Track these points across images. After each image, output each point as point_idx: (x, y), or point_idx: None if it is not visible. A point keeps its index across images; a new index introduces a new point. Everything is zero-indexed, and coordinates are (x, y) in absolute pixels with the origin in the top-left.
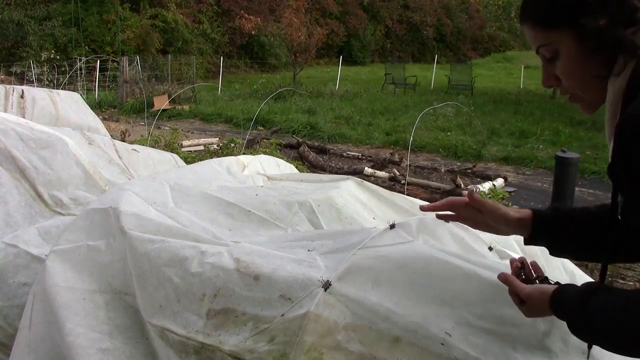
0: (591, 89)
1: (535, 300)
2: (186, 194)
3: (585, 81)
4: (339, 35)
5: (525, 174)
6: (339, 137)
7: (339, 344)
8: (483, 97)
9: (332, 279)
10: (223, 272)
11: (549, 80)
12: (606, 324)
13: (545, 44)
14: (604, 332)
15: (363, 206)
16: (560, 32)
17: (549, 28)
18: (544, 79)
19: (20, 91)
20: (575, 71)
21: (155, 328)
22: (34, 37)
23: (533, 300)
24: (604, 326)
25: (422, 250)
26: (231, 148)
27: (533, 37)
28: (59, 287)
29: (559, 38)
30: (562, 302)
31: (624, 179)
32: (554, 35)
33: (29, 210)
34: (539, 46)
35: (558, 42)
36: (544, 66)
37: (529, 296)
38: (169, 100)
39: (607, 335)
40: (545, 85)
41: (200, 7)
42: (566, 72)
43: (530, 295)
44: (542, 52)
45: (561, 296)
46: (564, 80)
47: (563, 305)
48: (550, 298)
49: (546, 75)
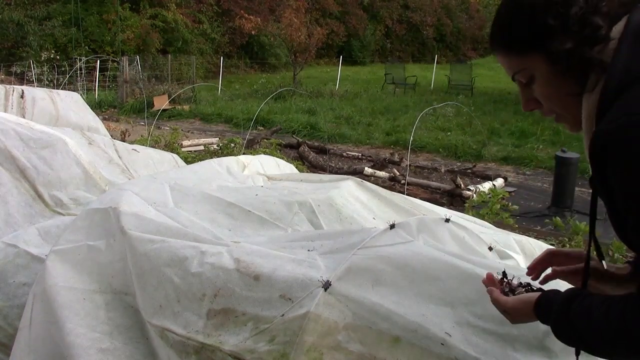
0: (571, 107)
1: (519, 310)
2: (186, 194)
3: (564, 101)
4: (339, 35)
5: (525, 174)
6: (339, 137)
7: (339, 344)
8: (483, 97)
9: (332, 279)
10: (223, 272)
11: (529, 104)
12: (588, 329)
13: (520, 70)
14: (587, 336)
15: (363, 206)
16: (531, 58)
17: (519, 55)
18: (523, 104)
19: (20, 91)
20: (552, 92)
21: (155, 328)
22: (34, 37)
23: (517, 311)
24: (586, 331)
25: (422, 250)
26: (231, 148)
27: (507, 65)
28: (59, 287)
29: (532, 63)
30: (546, 310)
31: (601, 190)
32: (526, 61)
33: (29, 210)
34: (514, 73)
35: (531, 67)
36: (522, 91)
37: (513, 308)
38: (169, 100)
39: (589, 340)
40: (525, 109)
41: (200, 7)
42: (544, 95)
43: (514, 307)
44: (518, 78)
45: (545, 304)
46: (543, 102)
47: (547, 312)
48: (534, 306)
49: (525, 100)
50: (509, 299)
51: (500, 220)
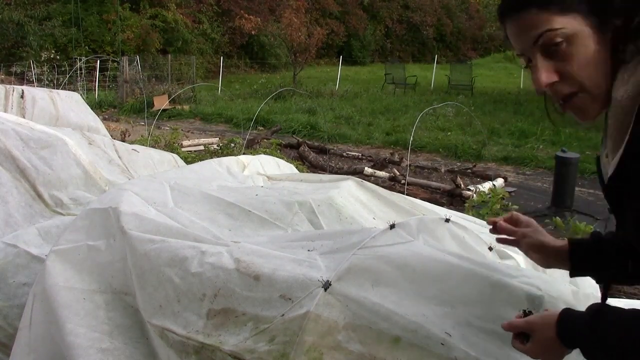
0: (603, 80)
1: (538, 326)
2: (186, 194)
3: (599, 73)
4: (339, 35)
5: (525, 174)
6: (339, 137)
7: (339, 344)
8: (483, 97)
9: (332, 279)
10: (223, 272)
11: (550, 77)
12: (621, 342)
13: (554, 29)
14: (620, 350)
15: (363, 206)
16: (571, 17)
17: (560, 12)
18: (540, 78)
19: (20, 91)
20: (593, 60)
21: (155, 328)
22: (34, 37)
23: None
24: (619, 345)
25: (422, 250)
26: (231, 148)
27: (533, 25)
28: (59, 287)
29: (570, 23)
30: (570, 326)
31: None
32: (564, 20)
33: (29, 210)
34: (544, 31)
35: (571, 27)
36: (541, 62)
37: (532, 324)
38: (169, 100)
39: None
40: (542, 84)
41: (200, 7)
42: (583, 62)
43: (533, 323)
44: (544, 44)
45: (568, 320)
46: (577, 73)
47: (572, 330)
48: (556, 324)
49: (545, 72)
50: (527, 317)
51: None
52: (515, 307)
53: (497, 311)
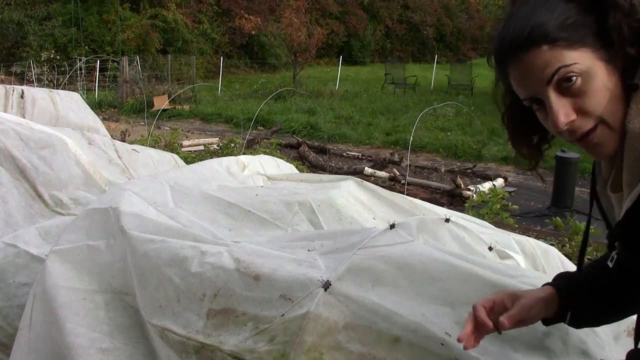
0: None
1: None
2: (186, 194)
3: (617, 103)
4: (339, 35)
5: (526, 174)
6: (339, 137)
7: (339, 343)
8: (483, 97)
9: (332, 279)
10: (223, 272)
11: (570, 116)
12: None
13: (568, 64)
14: None
15: (363, 206)
16: (582, 51)
17: (569, 47)
18: (560, 117)
19: (20, 91)
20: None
21: (155, 328)
22: (34, 37)
23: None
24: None
25: (422, 250)
26: (231, 148)
27: (546, 63)
28: (59, 287)
29: (582, 58)
30: None
31: None
32: (576, 55)
33: (29, 210)
34: (559, 68)
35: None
36: (556, 101)
37: None
38: (169, 100)
39: None
40: (563, 125)
41: (200, 7)
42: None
43: None
44: (559, 81)
45: None
46: (596, 107)
47: None
48: None
49: (564, 112)
50: None
51: (500, 220)
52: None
53: None
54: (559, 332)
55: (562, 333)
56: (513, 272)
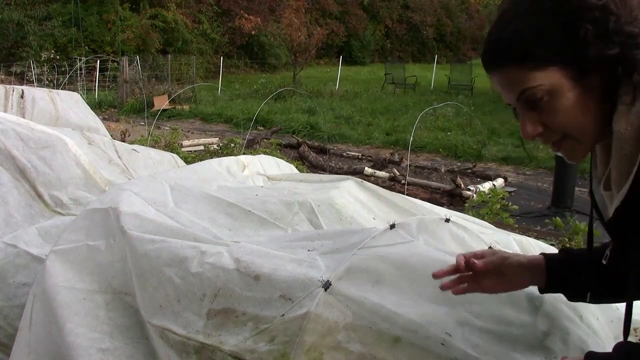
0: (588, 128)
1: None
2: (186, 194)
3: (582, 121)
4: (339, 35)
5: (526, 174)
6: (339, 137)
7: (339, 344)
8: (483, 97)
9: (332, 279)
10: (223, 272)
11: (536, 129)
12: None
13: (533, 87)
14: None
15: (363, 206)
16: (550, 71)
17: (537, 68)
18: (527, 131)
19: (20, 91)
20: (575, 111)
21: (155, 328)
22: (34, 37)
23: None
24: None
25: (422, 250)
26: (231, 148)
27: (513, 82)
28: (59, 287)
29: (550, 78)
30: None
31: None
32: (543, 75)
33: (29, 210)
34: (524, 90)
35: (550, 83)
36: (526, 115)
37: None
38: (169, 100)
39: None
40: (529, 137)
41: (200, 7)
42: (562, 114)
43: None
44: (527, 98)
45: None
46: (556, 124)
47: None
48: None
49: (531, 126)
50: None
51: (500, 220)
52: (516, 307)
53: (497, 311)
54: (559, 332)
55: (562, 333)
56: None
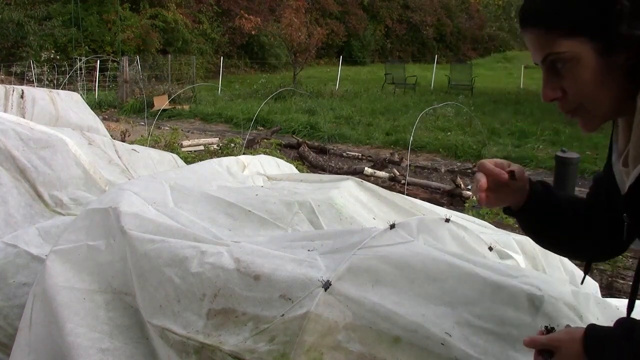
0: (605, 102)
1: (563, 342)
2: (186, 194)
3: (602, 95)
4: (339, 35)
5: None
6: (339, 137)
7: (339, 343)
8: (483, 97)
9: (332, 279)
10: (223, 272)
11: (554, 93)
12: None
13: (557, 52)
14: None
15: (363, 206)
16: (578, 41)
17: (566, 35)
18: (546, 93)
19: (20, 91)
20: (594, 84)
21: (155, 328)
22: (34, 37)
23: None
24: None
25: (422, 250)
26: (231, 148)
27: (541, 44)
28: (59, 287)
29: (576, 47)
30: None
31: None
32: (570, 44)
33: (29, 210)
34: (549, 54)
35: (575, 52)
36: (549, 78)
37: (556, 340)
38: (169, 100)
39: None
40: (547, 99)
41: (200, 7)
42: (582, 85)
43: (557, 339)
44: (551, 62)
45: (596, 335)
46: (574, 93)
47: (600, 345)
48: (583, 339)
49: (550, 88)
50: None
51: (500, 220)
52: (516, 307)
53: (497, 311)
54: None
55: None
56: (513, 272)
